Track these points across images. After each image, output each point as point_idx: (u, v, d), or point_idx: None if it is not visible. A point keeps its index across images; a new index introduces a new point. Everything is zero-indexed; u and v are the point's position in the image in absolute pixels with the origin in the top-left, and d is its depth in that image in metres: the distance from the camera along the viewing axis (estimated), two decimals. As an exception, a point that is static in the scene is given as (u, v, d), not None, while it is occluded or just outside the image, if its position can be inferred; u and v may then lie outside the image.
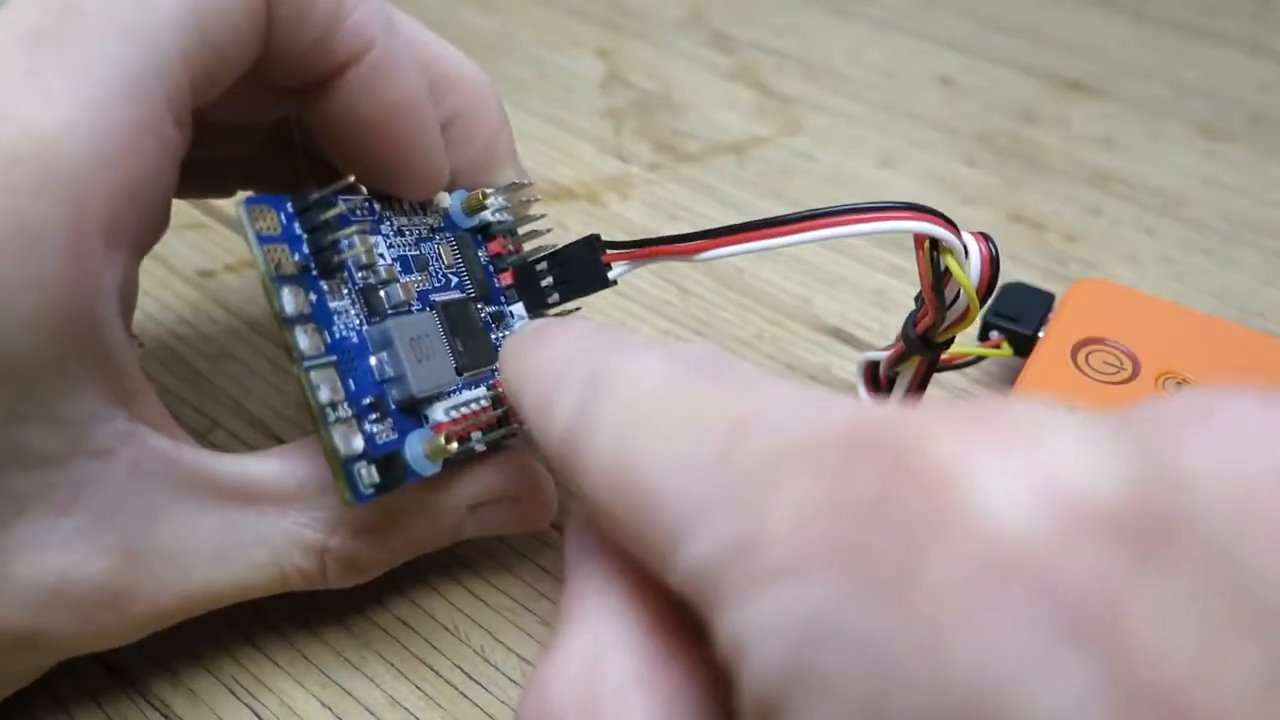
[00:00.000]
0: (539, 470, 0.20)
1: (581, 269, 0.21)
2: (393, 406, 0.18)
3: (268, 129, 0.23)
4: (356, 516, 0.18)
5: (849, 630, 0.09)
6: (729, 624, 0.10)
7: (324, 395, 0.16)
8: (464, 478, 0.19)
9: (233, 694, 0.20)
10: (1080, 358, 0.24)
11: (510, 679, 0.20)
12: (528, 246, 0.22)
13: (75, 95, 0.15)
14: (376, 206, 0.19)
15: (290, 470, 0.18)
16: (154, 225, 0.17)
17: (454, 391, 0.19)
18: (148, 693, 0.20)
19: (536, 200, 0.22)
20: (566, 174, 0.35)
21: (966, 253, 0.20)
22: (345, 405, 0.17)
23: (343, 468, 0.16)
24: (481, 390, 0.20)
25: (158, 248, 0.19)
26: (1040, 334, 0.25)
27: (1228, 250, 0.32)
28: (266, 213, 0.17)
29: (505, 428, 0.20)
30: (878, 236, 0.32)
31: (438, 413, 0.18)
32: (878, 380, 0.25)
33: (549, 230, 0.22)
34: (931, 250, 0.20)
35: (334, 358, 0.17)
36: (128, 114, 0.15)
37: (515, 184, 0.22)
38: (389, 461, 0.17)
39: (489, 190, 0.21)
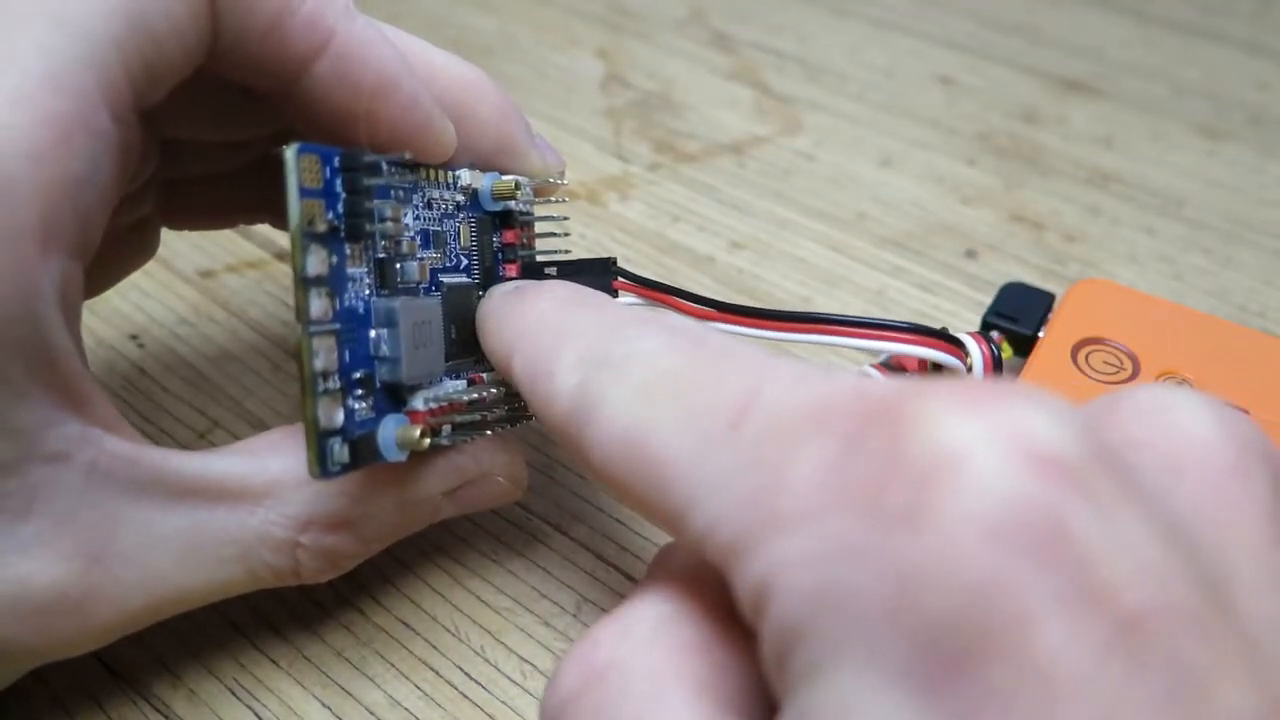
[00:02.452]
0: (508, 445, 0.20)
1: (589, 286, 0.21)
2: (378, 384, 0.18)
3: (264, 144, 0.23)
4: (327, 512, 0.18)
5: (873, 551, 0.10)
6: (754, 567, 0.11)
7: (319, 363, 0.16)
8: (435, 465, 0.19)
9: (233, 694, 0.20)
10: (1080, 357, 0.24)
11: (510, 679, 0.20)
12: (540, 243, 0.22)
13: (2, 91, 0.14)
14: (412, 175, 0.19)
15: (258, 467, 0.18)
16: (95, 226, 0.16)
17: (436, 380, 0.19)
18: (148, 693, 0.20)
19: (562, 201, 0.23)
20: (567, 174, 0.35)
21: (969, 369, 0.21)
22: (335, 377, 0.16)
23: (318, 440, 0.16)
24: (461, 383, 0.20)
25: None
26: (1040, 334, 0.25)
27: (1227, 250, 0.32)
28: (313, 164, 0.16)
29: (475, 431, 0.20)
30: (877, 235, 0.32)
31: (417, 401, 0.18)
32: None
33: (566, 234, 0.22)
34: (934, 366, 0.20)
35: (337, 326, 0.17)
36: (56, 107, 0.14)
37: (548, 181, 0.22)
38: (362, 442, 0.17)
39: (523, 180, 0.21)
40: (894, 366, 0.25)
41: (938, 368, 0.21)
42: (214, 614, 0.21)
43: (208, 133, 0.21)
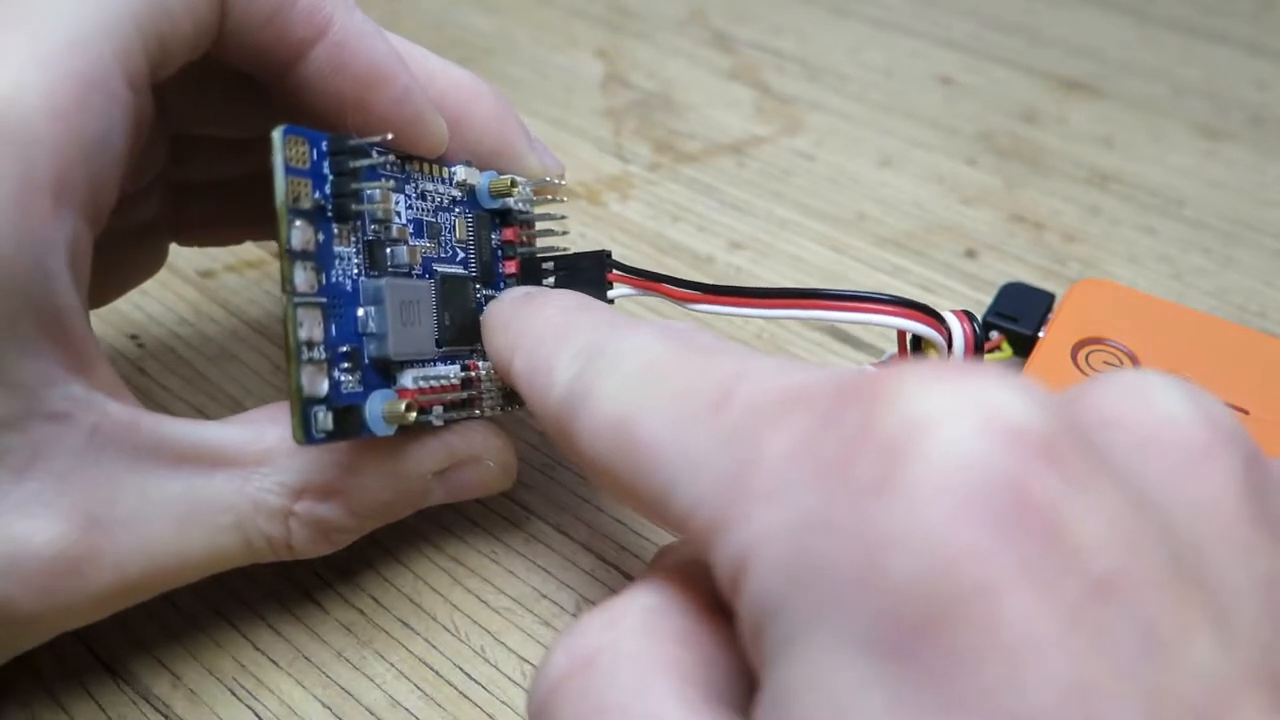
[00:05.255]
0: (500, 431, 0.21)
1: (585, 279, 0.21)
2: (367, 361, 0.18)
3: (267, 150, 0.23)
4: (321, 481, 0.18)
5: (843, 521, 0.11)
6: (730, 542, 0.12)
7: (304, 333, 0.16)
8: (426, 443, 0.19)
9: (233, 694, 0.20)
10: (1080, 358, 0.24)
11: (510, 679, 0.20)
12: (540, 242, 0.23)
13: (26, 52, 0.15)
14: (405, 166, 0.20)
15: (254, 435, 0.18)
16: (106, 190, 0.16)
17: (429, 363, 0.19)
18: (148, 693, 0.20)
19: (561, 201, 0.23)
20: (567, 174, 0.35)
21: (950, 345, 0.21)
22: (321, 348, 0.17)
23: (302, 407, 0.16)
24: (455, 368, 0.20)
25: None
26: (1040, 334, 0.25)
27: (1227, 250, 0.32)
28: (300, 144, 0.17)
29: (466, 410, 0.20)
30: (877, 235, 0.32)
31: (407, 379, 0.19)
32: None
33: (565, 233, 0.23)
34: (914, 339, 0.20)
35: (324, 300, 0.17)
36: (75, 68, 0.15)
37: (547, 181, 0.22)
38: (347, 413, 0.17)
39: (520, 179, 0.21)
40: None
41: (918, 341, 0.21)
42: (214, 614, 0.21)
43: (211, 126, 0.22)
